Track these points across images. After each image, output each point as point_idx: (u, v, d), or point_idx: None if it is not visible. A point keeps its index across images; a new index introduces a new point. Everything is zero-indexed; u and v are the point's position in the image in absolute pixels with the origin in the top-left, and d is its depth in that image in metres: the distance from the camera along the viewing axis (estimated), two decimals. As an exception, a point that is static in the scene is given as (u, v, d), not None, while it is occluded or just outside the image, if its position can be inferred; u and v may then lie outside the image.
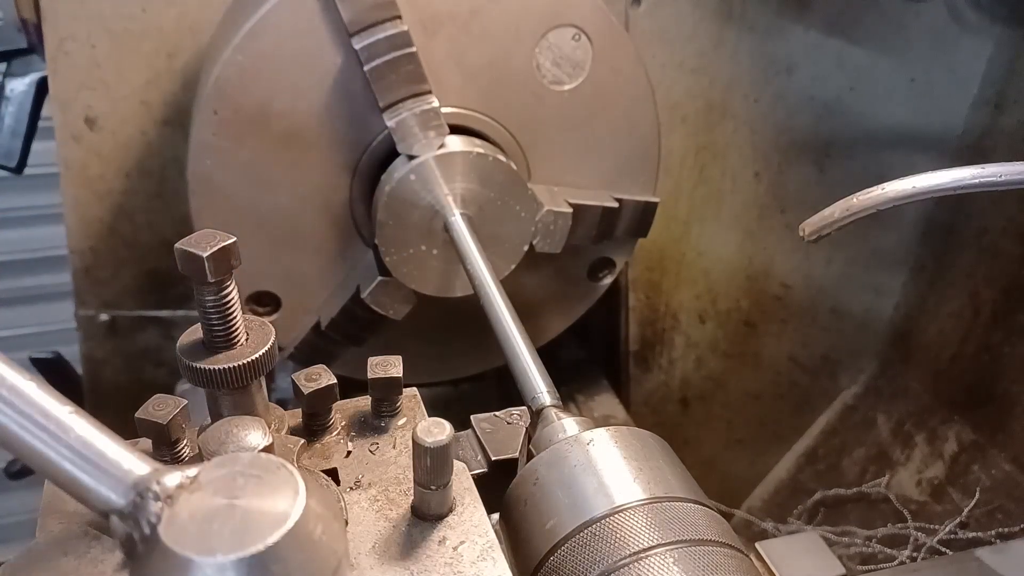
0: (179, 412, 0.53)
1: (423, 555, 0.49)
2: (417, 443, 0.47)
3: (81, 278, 1.37)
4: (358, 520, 0.51)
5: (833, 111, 1.42)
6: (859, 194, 0.76)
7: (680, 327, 1.59)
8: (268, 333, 0.53)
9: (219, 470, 0.36)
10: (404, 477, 0.54)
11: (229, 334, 0.52)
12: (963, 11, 1.36)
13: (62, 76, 1.23)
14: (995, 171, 0.72)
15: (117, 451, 0.37)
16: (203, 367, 0.51)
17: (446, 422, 0.48)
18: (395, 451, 0.57)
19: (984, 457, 1.46)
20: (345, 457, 0.57)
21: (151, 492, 0.35)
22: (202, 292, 0.51)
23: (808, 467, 1.70)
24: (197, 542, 0.33)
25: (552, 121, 1.08)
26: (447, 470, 0.48)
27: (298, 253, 1.08)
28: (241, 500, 0.35)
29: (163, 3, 1.22)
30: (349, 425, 0.59)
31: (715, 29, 1.31)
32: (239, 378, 0.52)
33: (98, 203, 1.32)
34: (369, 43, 0.95)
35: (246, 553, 0.32)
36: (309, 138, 1.02)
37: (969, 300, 1.51)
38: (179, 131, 1.27)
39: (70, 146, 1.27)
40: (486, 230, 1.01)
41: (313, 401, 0.57)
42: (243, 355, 0.52)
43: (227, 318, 0.52)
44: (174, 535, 0.33)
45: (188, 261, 0.49)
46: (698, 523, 0.52)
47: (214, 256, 0.49)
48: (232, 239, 0.50)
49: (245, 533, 0.33)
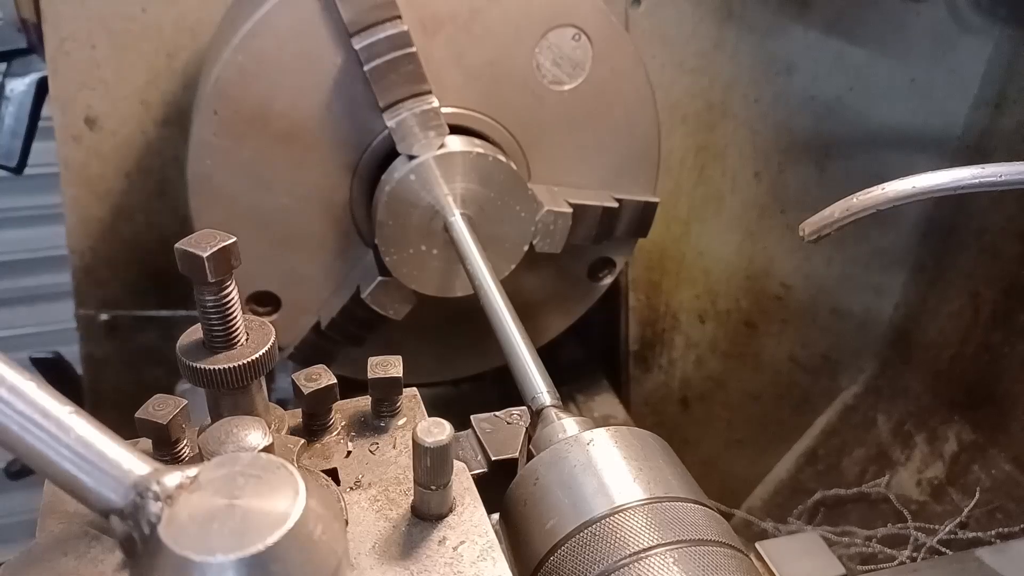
0: (179, 412, 0.53)
1: (423, 555, 0.49)
2: (417, 443, 0.47)
3: (81, 278, 1.37)
4: (358, 520, 0.51)
5: (833, 111, 1.42)
6: (859, 194, 0.76)
7: (680, 327, 1.59)
8: (268, 333, 0.53)
9: (219, 470, 0.36)
10: (404, 477, 0.54)
11: (229, 334, 0.52)
12: (963, 11, 1.36)
13: (62, 76, 1.23)
14: (995, 171, 0.72)
15: (117, 451, 0.37)
16: (203, 367, 0.51)
17: (446, 422, 0.48)
18: (395, 451, 0.57)
19: (984, 457, 1.46)
20: (345, 457, 0.57)
21: (151, 492, 0.35)
22: (202, 292, 0.51)
23: (808, 467, 1.70)
24: (197, 542, 0.33)
25: (552, 121, 1.08)
26: (447, 470, 0.49)
27: (298, 253, 1.08)
28: (241, 500, 0.35)
29: (163, 3, 1.22)
30: (349, 425, 0.59)
31: (715, 29, 1.31)
32: (239, 378, 0.52)
33: (98, 203, 1.32)
34: (369, 43, 0.95)
35: (246, 553, 0.32)
36: (309, 138, 1.01)
37: (969, 300, 1.51)
38: (179, 131, 1.27)
39: (70, 146, 1.27)
40: (486, 230, 1.01)
41: (313, 401, 0.57)
42: (243, 355, 0.52)
43: (227, 318, 0.52)
44: (174, 535, 0.33)
45: (188, 261, 0.49)
46: (698, 523, 0.52)
47: (214, 256, 0.49)
48: (232, 239, 0.50)
49: (245, 533, 0.33)
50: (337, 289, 1.10)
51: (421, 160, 0.98)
